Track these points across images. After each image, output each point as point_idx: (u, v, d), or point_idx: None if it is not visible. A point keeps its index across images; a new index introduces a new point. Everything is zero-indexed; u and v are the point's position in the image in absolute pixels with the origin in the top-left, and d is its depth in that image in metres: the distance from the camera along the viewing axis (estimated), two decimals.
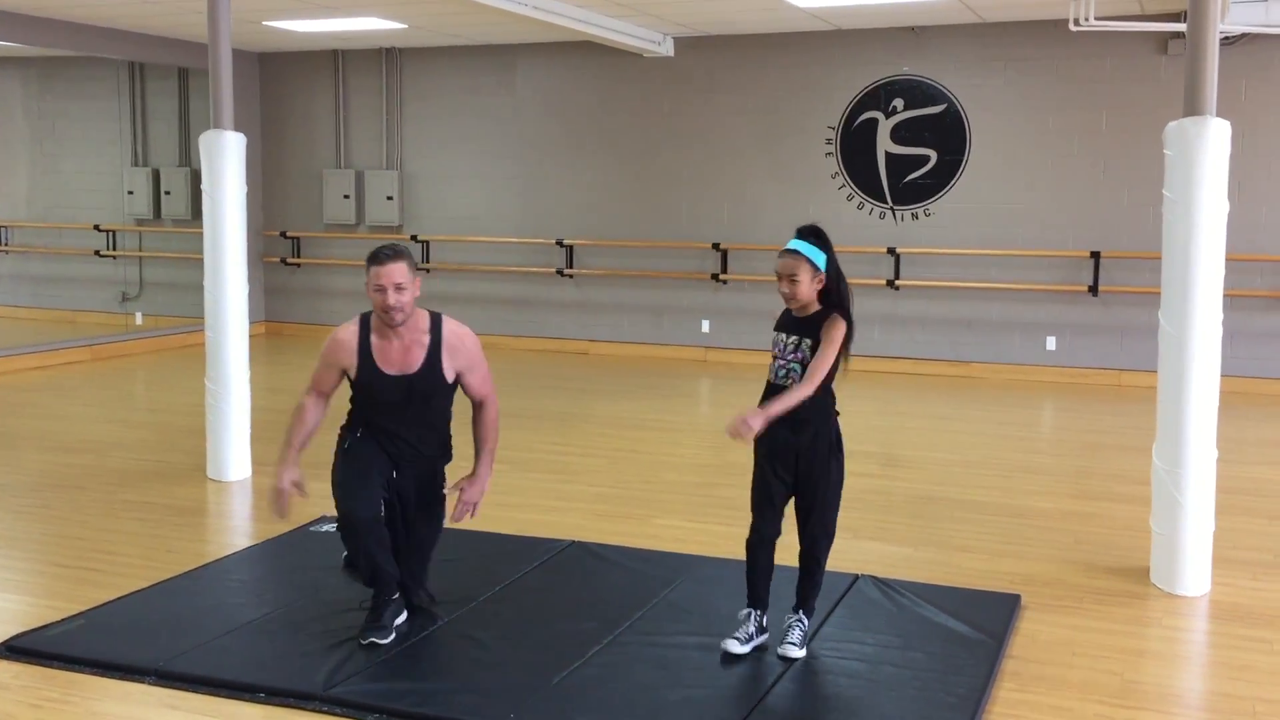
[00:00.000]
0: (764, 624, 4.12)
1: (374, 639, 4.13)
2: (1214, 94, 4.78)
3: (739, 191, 11.09)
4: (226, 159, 6.54)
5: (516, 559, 5.08)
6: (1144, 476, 5.60)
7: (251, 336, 6.97)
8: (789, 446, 4.00)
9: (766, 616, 4.13)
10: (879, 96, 10.56)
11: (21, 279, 12.97)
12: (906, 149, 10.52)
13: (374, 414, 4.23)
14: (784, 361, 4.00)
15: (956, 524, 5.82)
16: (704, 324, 11.36)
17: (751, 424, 3.77)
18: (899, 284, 10.55)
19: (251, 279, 7.07)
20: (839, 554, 4.20)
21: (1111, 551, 5.39)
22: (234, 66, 6.90)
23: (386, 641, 4.15)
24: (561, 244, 11.68)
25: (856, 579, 4.81)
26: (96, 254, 12.60)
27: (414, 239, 12.19)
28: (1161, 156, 4.88)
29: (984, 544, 5.49)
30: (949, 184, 10.41)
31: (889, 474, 6.81)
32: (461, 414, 4.39)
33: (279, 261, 12.89)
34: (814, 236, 3.98)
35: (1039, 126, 10.14)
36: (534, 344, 11.90)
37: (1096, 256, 9.97)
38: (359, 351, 4.20)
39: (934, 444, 7.75)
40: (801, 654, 4.07)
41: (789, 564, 4.15)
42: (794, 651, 4.05)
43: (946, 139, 10.38)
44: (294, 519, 5.66)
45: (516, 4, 8.61)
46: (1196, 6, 4.81)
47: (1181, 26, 8.14)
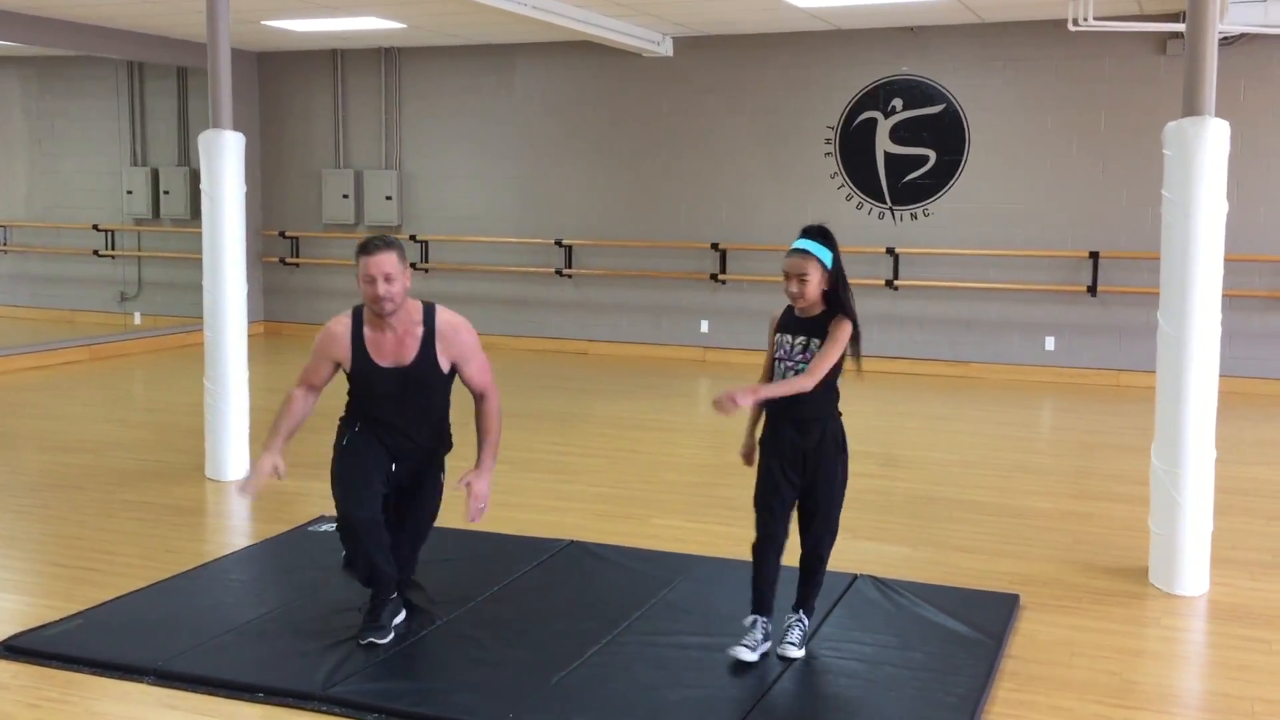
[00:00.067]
0: (769, 631, 4.11)
1: (373, 639, 4.12)
2: (1213, 94, 4.78)
3: (738, 191, 11.09)
4: (225, 159, 6.54)
5: (515, 559, 5.08)
6: (1143, 477, 5.60)
7: (250, 336, 6.97)
8: (797, 448, 3.99)
9: (770, 623, 4.12)
10: (878, 96, 10.56)
11: (20, 278, 12.96)
12: (905, 149, 10.52)
13: (371, 407, 4.21)
14: (792, 364, 3.96)
15: (955, 524, 5.82)
16: (703, 324, 11.36)
17: (739, 400, 3.74)
18: (898, 284, 10.55)
19: (250, 279, 7.08)
20: (837, 554, 4.19)
21: (1110, 551, 5.39)
22: (233, 66, 6.90)
23: (385, 641, 4.14)
24: (560, 244, 11.68)
25: (855, 579, 4.81)
26: (95, 254, 12.60)
27: (413, 239, 12.19)
28: (1160, 156, 4.88)
29: (983, 544, 5.49)
30: (948, 184, 10.41)
31: (888, 474, 6.81)
32: (464, 409, 4.37)
33: (278, 261, 12.89)
34: (821, 236, 3.98)
35: (1038, 127, 10.14)
36: (533, 344, 11.90)
37: (1095, 257, 9.97)
38: (352, 344, 4.17)
39: (933, 444, 7.75)
40: (801, 654, 4.06)
41: (788, 564, 4.14)
42: (793, 651, 4.05)
43: (945, 139, 10.38)
44: (293, 519, 5.68)
45: (516, 4, 8.61)
46: (1195, 7, 4.81)
47: (1180, 27, 8.14)
